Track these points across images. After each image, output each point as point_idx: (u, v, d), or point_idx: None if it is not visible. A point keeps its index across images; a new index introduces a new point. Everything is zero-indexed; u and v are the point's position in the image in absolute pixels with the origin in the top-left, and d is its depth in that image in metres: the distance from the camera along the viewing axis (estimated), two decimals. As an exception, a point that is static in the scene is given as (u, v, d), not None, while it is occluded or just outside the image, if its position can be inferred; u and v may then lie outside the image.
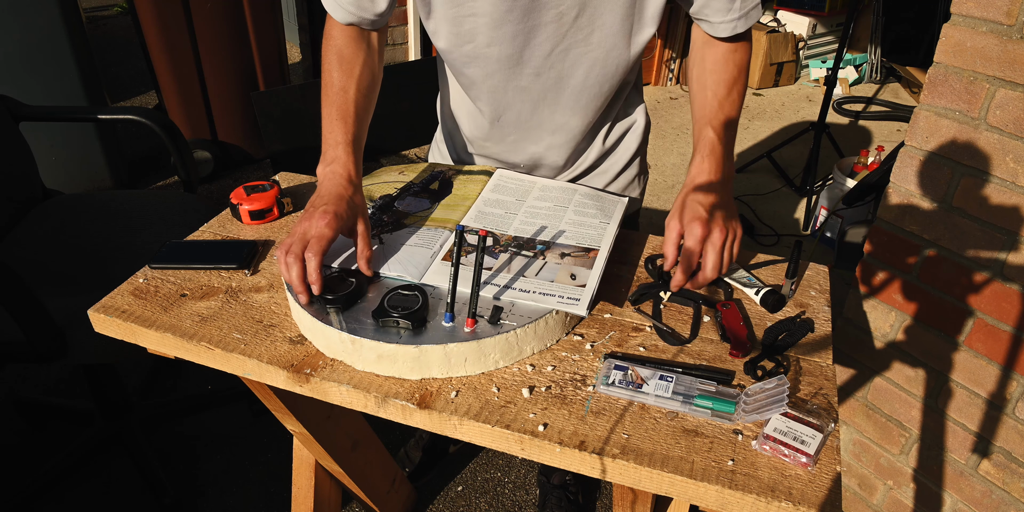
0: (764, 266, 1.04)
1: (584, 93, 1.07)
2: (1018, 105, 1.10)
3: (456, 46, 1.03)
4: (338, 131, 0.99)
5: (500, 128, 1.14)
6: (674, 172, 3.28)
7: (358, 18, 1.01)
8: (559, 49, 1.01)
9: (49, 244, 1.57)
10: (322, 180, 0.96)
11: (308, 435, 1.21)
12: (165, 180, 3.12)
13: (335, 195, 0.93)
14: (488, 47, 1.01)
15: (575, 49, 1.01)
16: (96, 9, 5.48)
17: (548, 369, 0.84)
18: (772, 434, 0.74)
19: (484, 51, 1.02)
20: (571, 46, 1.01)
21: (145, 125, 1.69)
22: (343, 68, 1.01)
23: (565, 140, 1.14)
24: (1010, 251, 1.17)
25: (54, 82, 2.55)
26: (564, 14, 0.97)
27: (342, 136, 0.98)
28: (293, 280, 0.86)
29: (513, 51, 1.01)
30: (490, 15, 0.96)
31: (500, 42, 1.00)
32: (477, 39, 1.00)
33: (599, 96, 1.08)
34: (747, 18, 1.01)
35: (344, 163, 0.97)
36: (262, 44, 2.98)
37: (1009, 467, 1.28)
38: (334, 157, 0.97)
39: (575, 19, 0.98)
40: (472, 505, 1.74)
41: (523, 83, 1.06)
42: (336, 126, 0.99)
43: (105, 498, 1.72)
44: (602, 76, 1.05)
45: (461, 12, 0.98)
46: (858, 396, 1.51)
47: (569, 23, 0.98)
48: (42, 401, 1.93)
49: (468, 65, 1.05)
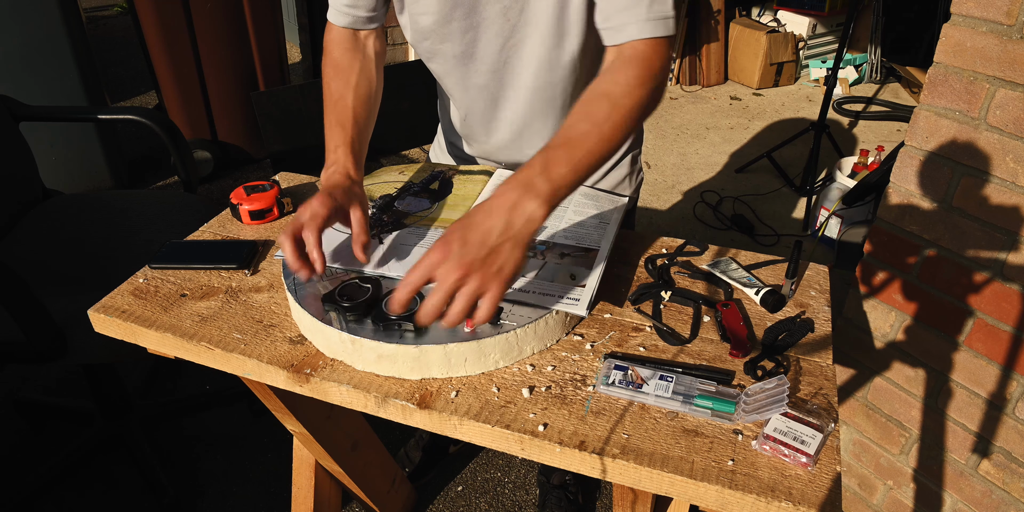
0: (764, 266, 1.04)
1: (538, 93, 1.06)
2: (1018, 105, 1.10)
3: (417, 42, 1.06)
4: (337, 136, 1.01)
5: (470, 127, 1.16)
6: (674, 172, 3.29)
7: (352, 18, 1.05)
8: (510, 44, 1.01)
9: (49, 244, 1.57)
10: (324, 182, 0.98)
11: (308, 435, 1.21)
12: (165, 180, 3.12)
13: (331, 184, 0.96)
14: (442, 44, 1.03)
15: (524, 45, 1.01)
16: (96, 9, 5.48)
17: (548, 369, 0.84)
18: (772, 434, 0.74)
19: (439, 48, 1.04)
20: (520, 42, 1.01)
21: (145, 125, 1.69)
22: (339, 78, 1.05)
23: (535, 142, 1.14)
24: (1010, 251, 1.17)
25: (54, 82, 2.55)
26: (509, 8, 0.97)
27: (340, 140, 1.01)
28: (288, 256, 0.85)
29: (465, 48, 1.02)
30: (438, 13, 0.98)
31: (451, 39, 1.02)
32: (431, 36, 1.03)
33: (554, 98, 1.07)
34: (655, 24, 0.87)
35: (343, 163, 0.99)
36: (262, 44, 2.98)
37: (1009, 467, 1.28)
38: (333, 160, 1.00)
39: (520, 13, 0.97)
40: (472, 505, 1.74)
41: (480, 81, 1.07)
42: (335, 132, 1.02)
43: (105, 498, 1.72)
44: (551, 76, 1.04)
45: (415, 10, 1.01)
46: (858, 396, 1.51)
47: (516, 17, 0.98)
48: (42, 401, 1.93)
49: (431, 61, 1.09)
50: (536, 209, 0.77)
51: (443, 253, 0.73)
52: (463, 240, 0.74)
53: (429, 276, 0.74)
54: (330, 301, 0.85)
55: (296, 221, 0.88)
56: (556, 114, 1.10)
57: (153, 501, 1.69)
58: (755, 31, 4.11)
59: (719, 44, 4.20)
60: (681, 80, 4.26)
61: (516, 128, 1.13)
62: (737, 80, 4.33)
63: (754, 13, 4.39)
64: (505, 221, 0.76)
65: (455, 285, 0.73)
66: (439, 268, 0.73)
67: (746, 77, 4.25)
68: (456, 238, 0.74)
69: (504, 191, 0.78)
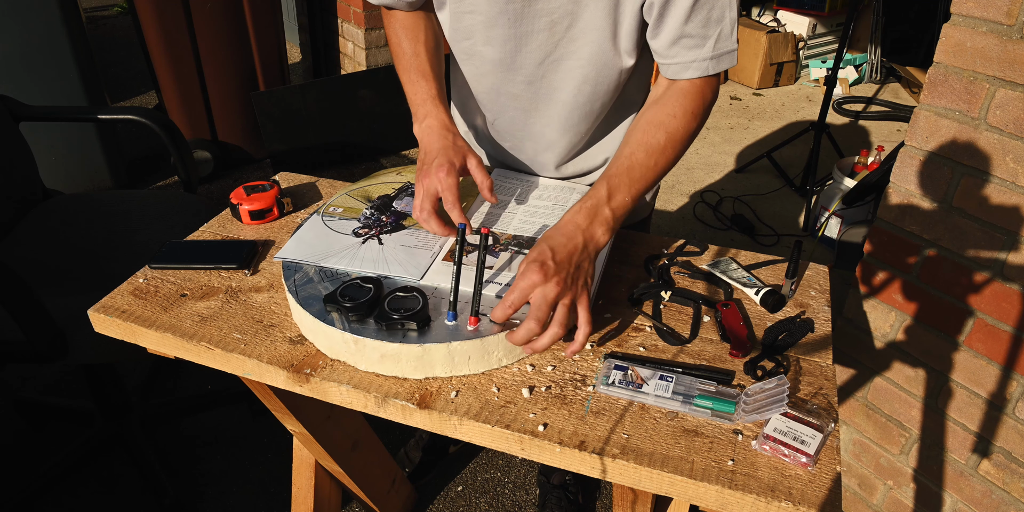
0: (764, 266, 1.04)
1: (576, 110, 1.06)
2: (1018, 105, 1.10)
3: (456, 41, 1.05)
4: (422, 89, 1.04)
5: (496, 132, 1.16)
6: (674, 172, 3.28)
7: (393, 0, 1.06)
8: (551, 59, 1.00)
9: (49, 244, 1.57)
10: (422, 137, 1.02)
11: (308, 435, 1.21)
12: (165, 180, 3.12)
13: (440, 147, 0.98)
14: (484, 46, 1.02)
15: (567, 61, 1.00)
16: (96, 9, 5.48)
17: (548, 369, 0.84)
18: (772, 434, 0.74)
19: (480, 49, 1.03)
20: (563, 57, 1.00)
21: (145, 125, 1.69)
22: (409, 36, 1.07)
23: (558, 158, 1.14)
24: (1010, 251, 1.17)
25: (54, 82, 2.55)
26: (556, 23, 0.96)
27: (427, 93, 1.03)
28: (437, 231, 0.96)
29: (505, 55, 1.01)
30: (485, 14, 0.97)
31: (493, 43, 1.00)
32: (474, 37, 1.02)
33: (591, 114, 1.07)
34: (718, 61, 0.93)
35: (436, 116, 1.02)
36: (262, 44, 2.98)
37: (1009, 467, 1.28)
38: (426, 113, 1.02)
39: (567, 29, 0.97)
40: (472, 505, 1.74)
41: (515, 90, 1.06)
42: (420, 86, 1.04)
43: (105, 498, 1.72)
44: (594, 93, 1.04)
45: (462, 8, 0.99)
46: (858, 396, 1.51)
47: (561, 33, 0.97)
48: (42, 401, 1.93)
49: (465, 62, 1.07)
50: (602, 235, 0.88)
51: (542, 274, 0.81)
52: (555, 261, 0.83)
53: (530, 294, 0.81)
54: (332, 301, 0.85)
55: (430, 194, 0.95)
56: (589, 126, 1.10)
57: (153, 501, 1.69)
58: (755, 31, 4.11)
59: (719, 44, 4.20)
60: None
61: (547, 139, 1.12)
62: (737, 80, 4.33)
63: (754, 13, 4.39)
64: (583, 242, 0.86)
65: (555, 300, 0.81)
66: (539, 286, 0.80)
67: (746, 77, 4.25)
68: (548, 259, 0.83)
69: (576, 217, 0.88)
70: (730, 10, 0.90)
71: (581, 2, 0.93)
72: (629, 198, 0.91)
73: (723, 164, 3.38)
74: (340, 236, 1.00)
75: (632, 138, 0.94)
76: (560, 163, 1.16)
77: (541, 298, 0.80)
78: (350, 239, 0.99)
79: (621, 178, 0.91)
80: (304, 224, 1.03)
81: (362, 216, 1.04)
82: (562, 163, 1.16)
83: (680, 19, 0.90)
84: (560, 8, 0.94)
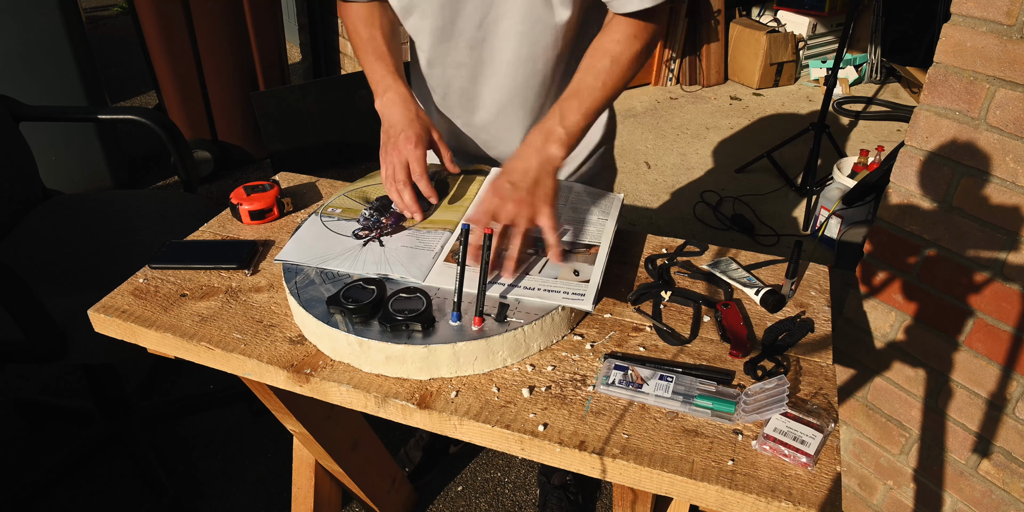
0: (764, 266, 1.04)
1: (519, 68, 1.08)
2: (1018, 105, 1.10)
3: (404, 18, 1.09)
4: (379, 68, 1.09)
5: (449, 107, 1.17)
6: (674, 172, 3.28)
7: None
8: (488, 19, 1.02)
9: (49, 244, 1.57)
10: (383, 110, 1.06)
11: (308, 435, 1.21)
12: (165, 180, 3.12)
13: (405, 119, 1.03)
14: (423, 20, 1.05)
15: (503, 21, 1.02)
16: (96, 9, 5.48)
17: (548, 369, 0.84)
18: (772, 434, 0.74)
19: (421, 24, 1.06)
20: (499, 18, 1.02)
21: (145, 125, 1.69)
22: (364, 23, 1.11)
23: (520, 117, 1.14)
24: (1010, 251, 1.17)
25: (54, 82, 2.55)
26: None
27: (384, 69, 1.08)
28: (408, 204, 1.01)
29: (444, 23, 1.04)
30: None
31: (431, 14, 1.03)
32: (414, 11, 1.05)
33: (535, 74, 1.09)
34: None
35: (396, 89, 1.06)
36: (262, 44, 2.98)
37: (1009, 467, 1.28)
38: (385, 87, 1.07)
39: None
40: (472, 505, 1.74)
41: (459, 57, 1.08)
42: (377, 65, 1.09)
43: (105, 498, 1.72)
44: (532, 51, 1.05)
45: None
46: (858, 396, 1.51)
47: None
48: (42, 401, 1.93)
49: (416, 35, 1.11)
50: (556, 151, 0.95)
51: (498, 194, 0.90)
52: (510, 182, 0.91)
53: (491, 214, 0.89)
54: (335, 303, 0.85)
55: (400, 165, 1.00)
56: (537, 88, 1.11)
57: (153, 501, 1.69)
58: (755, 31, 4.11)
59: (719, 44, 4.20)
60: (681, 80, 4.26)
61: (498, 104, 1.13)
62: (737, 80, 4.33)
63: (754, 13, 4.38)
64: (537, 160, 0.94)
65: (513, 215, 0.89)
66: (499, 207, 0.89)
67: (746, 77, 4.25)
68: (503, 182, 0.91)
69: (530, 138, 0.96)
70: None
71: None
72: (580, 116, 0.97)
73: (723, 164, 3.38)
74: (340, 237, 0.99)
75: (581, 66, 1.00)
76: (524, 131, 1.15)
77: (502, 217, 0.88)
78: (350, 241, 0.99)
79: (571, 101, 0.97)
80: (303, 225, 1.03)
81: (361, 217, 1.04)
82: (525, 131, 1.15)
83: None
84: None
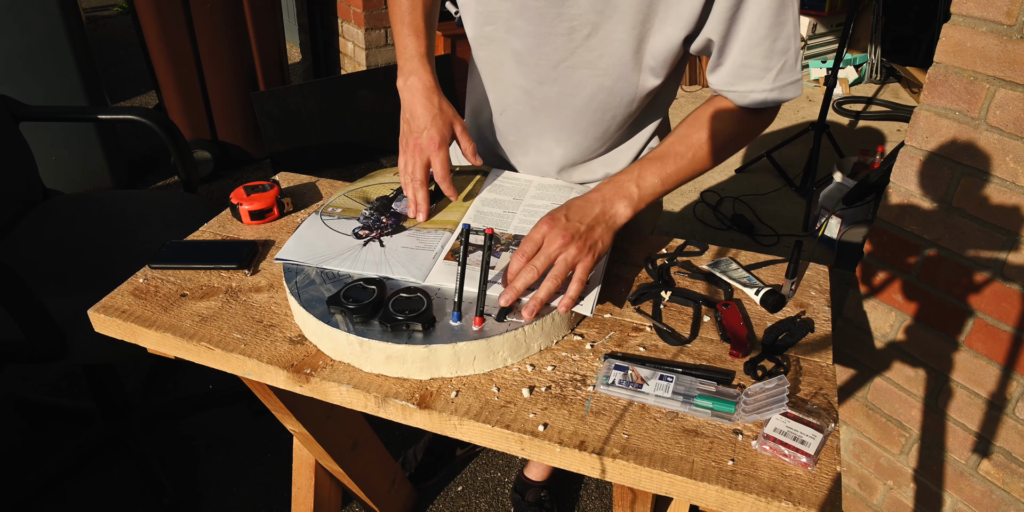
0: (764, 266, 1.04)
1: (585, 117, 1.05)
2: (1018, 105, 1.10)
3: (478, 24, 1.03)
4: (411, 44, 1.04)
5: (504, 125, 1.14)
6: (674, 172, 3.29)
7: None
8: (566, 64, 0.99)
9: (49, 244, 1.57)
10: (404, 95, 1.03)
11: (308, 435, 1.21)
12: (165, 180, 3.12)
13: (428, 114, 1.00)
14: (505, 34, 1.00)
15: (583, 69, 0.99)
16: (96, 9, 5.48)
17: (548, 369, 0.84)
18: (772, 434, 0.74)
19: (501, 36, 1.01)
20: (579, 65, 0.99)
21: (145, 125, 1.69)
22: None
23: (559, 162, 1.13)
24: (1010, 251, 1.17)
25: (54, 82, 2.55)
26: (575, 30, 0.95)
27: (415, 49, 1.04)
28: (420, 203, 1.01)
29: (523, 48, 1.00)
30: (513, 2, 0.96)
31: (515, 33, 0.99)
32: (497, 23, 1.00)
33: (600, 123, 1.06)
34: (781, 92, 0.92)
35: (421, 75, 1.02)
36: (262, 44, 2.98)
37: (1009, 467, 1.28)
38: (411, 70, 1.03)
39: (586, 39, 0.95)
40: (472, 505, 1.74)
41: (527, 85, 1.05)
42: (409, 41, 1.04)
43: (105, 498, 1.72)
44: (606, 103, 1.03)
45: None
46: (858, 396, 1.51)
47: (580, 41, 0.96)
48: (42, 401, 1.93)
49: (484, 47, 1.06)
50: (623, 209, 0.91)
51: (551, 224, 0.85)
52: (567, 217, 0.87)
53: (539, 244, 0.85)
54: (336, 303, 0.85)
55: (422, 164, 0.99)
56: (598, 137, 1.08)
57: (153, 501, 1.69)
58: (755, 31, 4.11)
59: (719, 44, 4.21)
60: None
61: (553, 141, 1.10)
62: (737, 80, 4.33)
63: (754, 13, 4.38)
64: (601, 209, 0.89)
65: (558, 252, 0.84)
66: (547, 235, 0.85)
67: (746, 77, 4.25)
68: (561, 215, 0.87)
69: (601, 188, 0.92)
70: (795, 40, 0.88)
71: (605, 13, 0.91)
72: (658, 180, 0.92)
73: (723, 164, 3.38)
74: (340, 236, 0.99)
75: (678, 130, 0.96)
76: (561, 168, 1.15)
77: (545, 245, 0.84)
78: (351, 241, 0.99)
79: (654, 162, 0.93)
80: (303, 224, 1.03)
81: (361, 216, 1.04)
82: (563, 169, 1.15)
83: (742, 50, 0.89)
84: (582, 16, 0.93)
